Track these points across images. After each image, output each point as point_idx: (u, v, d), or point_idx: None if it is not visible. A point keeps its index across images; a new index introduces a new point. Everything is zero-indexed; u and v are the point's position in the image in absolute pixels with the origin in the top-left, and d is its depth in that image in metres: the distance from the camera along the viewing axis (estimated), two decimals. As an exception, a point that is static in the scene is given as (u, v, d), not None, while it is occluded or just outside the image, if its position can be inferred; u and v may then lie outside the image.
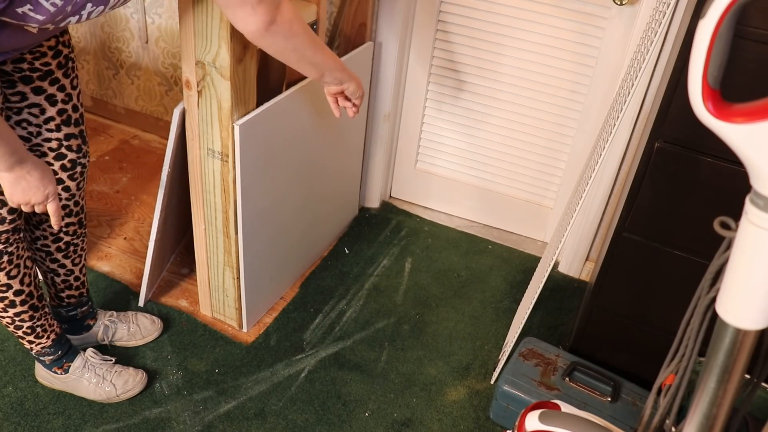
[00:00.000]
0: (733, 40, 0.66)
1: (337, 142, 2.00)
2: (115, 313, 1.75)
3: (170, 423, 1.57)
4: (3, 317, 1.45)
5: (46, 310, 1.51)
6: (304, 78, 1.73)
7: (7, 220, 1.31)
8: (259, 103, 1.56)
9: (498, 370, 1.74)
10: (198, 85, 1.47)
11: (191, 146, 1.58)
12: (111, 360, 1.64)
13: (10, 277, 1.38)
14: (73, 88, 1.37)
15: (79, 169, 1.45)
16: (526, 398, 1.54)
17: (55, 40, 1.29)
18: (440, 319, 1.94)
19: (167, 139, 1.62)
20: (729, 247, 0.75)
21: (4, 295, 1.40)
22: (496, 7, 1.93)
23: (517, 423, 1.23)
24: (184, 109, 1.55)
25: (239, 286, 1.74)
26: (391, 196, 2.47)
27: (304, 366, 1.75)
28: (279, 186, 1.74)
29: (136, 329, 1.75)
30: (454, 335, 1.89)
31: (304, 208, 1.93)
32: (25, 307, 1.44)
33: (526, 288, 2.03)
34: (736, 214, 0.72)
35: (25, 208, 1.23)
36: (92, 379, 1.59)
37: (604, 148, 1.45)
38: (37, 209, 1.24)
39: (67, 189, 1.45)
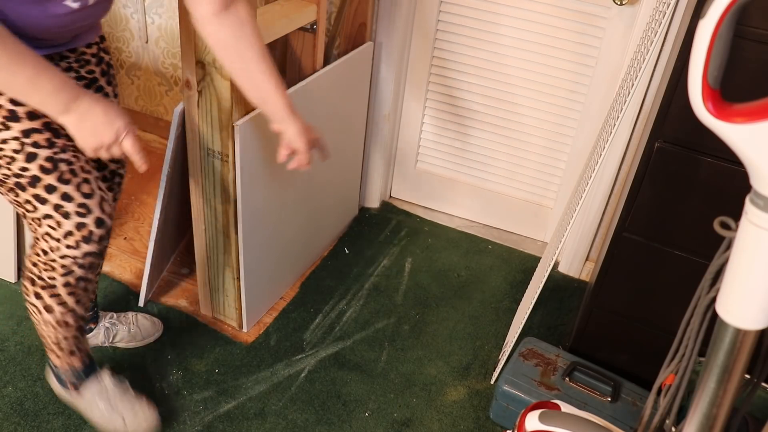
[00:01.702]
0: (733, 40, 0.66)
1: (337, 142, 2.00)
2: (115, 314, 1.75)
3: (170, 423, 1.57)
4: (49, 335, 1.35)
5: (85, 330, 1.45)
6: (303, 78, 1.73)
7: (95, 238, 1.20)
8: (259, 103, 1.56)
9: (498, 370, 1.74)
10: (198, 85, 1.47)
11: (191, 146, 1.58)
12: (126, 385, 1.54)
13: (77, 303, 1.29)
14: (115, 95, 1.35)
15: (117, 179, 1.43)
16: (526, 398, 1.54)
17: (96, 47, 1.27)
18: (440, 319, 1.94)
19: (167, 139, 1.62)
20: (729, 247, 0.75)
21: (64, 318, 1.31)
22: (496, 7, 1.93)
23: (517, 423, 1.23)
24: (184, 109, 1.55)
25: (239, 286, 1.74)
26: (391, 196, 2.47)
27: (304, 366, 1.75)
28: (279, 186, 1.74)
29: (137, 331, 1.75)
30: (454, 335, 1.89)
31: (304, 208, 1.93)
32: (76, 332, 1.37)
33: (526, 288, 2.03)
34: (736, 214, 0.72)
35: (103, 154, 1.10)
36: (103, 408, 1.49)
37: (604, 148, 1.45)
38: (115, 152, 1.11)
39: None
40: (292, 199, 1.84)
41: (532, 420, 1.18)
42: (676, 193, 1.40)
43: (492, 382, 1.75)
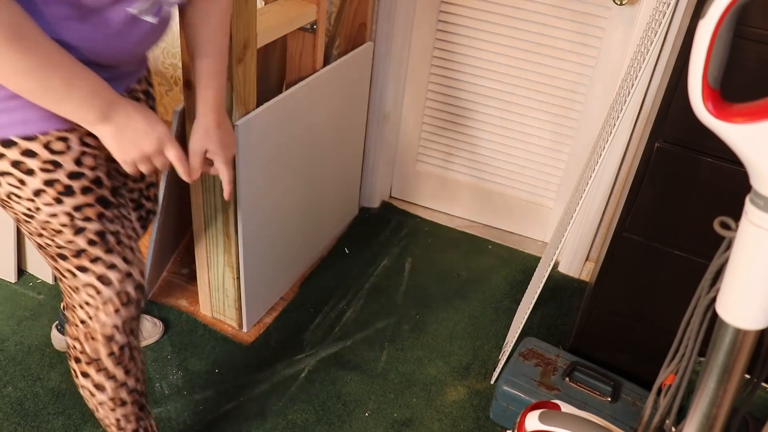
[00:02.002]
0: (733, 40, 0.66)
1: (337, 142, 2.00)
2: None
3: (170, 423, 1.57)
4: (107, 417, 1.26)
5: (148, 407, 1.35)
6: (304, 78, 1.73)
7: (134, 302, 1.15)
8: (259, 103, 1.56)
9: (498, 370, 1.74)
10: (198, 85, 1.47)
11: (191, 146, 1.58)
12: None
13: (127, 374, 1.21)
14: None
15: (151, 217, 1.41)
16: (526, 398, 1.54)
17: (145, 82, 1.22)
18: (440, 319, 1.94)
19: (167, 139, 1.62)
20: (729, 247, 0.75)
21: (119, 394, 1.22)
22: (496, 7, 1.93)
23: (517, 423, 1.23)
24: (184, 109, 1.55)
25: (239, 286, 1.74)
26: (391, 196, 2.47)
27: (304, 366, 1.75)
28: (279, 186, 1.74)
29: None
30: (454, 335, 1.89)
31: (304, 208, 1.93)
32: (135, 408, 1.28)
33: (526, 288, 2.03)
34: (736, 214, 0.72)
35: (142, 167, 1.02)
36: None
37: (604, 148, 1.45)
38: (156, 163, 1.03)
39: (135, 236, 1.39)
40: (292, 198, 1.84)
41: (532, 420, 1.18)
42: (676, 193, 1.40)
43: (492, 382, 1.75)
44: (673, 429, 0.96)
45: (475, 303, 2.02)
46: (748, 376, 0.83)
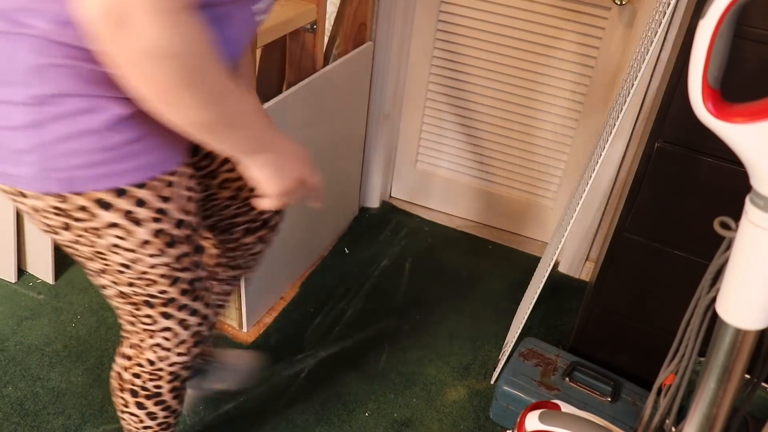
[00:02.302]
0: (733, 40, 0.66)
1: (337, 141, 2.00)
2: None
3: (170, 423, 1.57)
4: None
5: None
6: (304, 78, 1.73)
7: (205, 340, 1.12)
8: (259, 103, 1.56)
9: (498, 370, 1.74)
10: (198, 85, 1.47)
11: (191, 146, 1.58)
12: None
13: (180, 403, 1.21)
14: None
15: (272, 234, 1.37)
16: (526, 398, 1.54)
17: None
18: (440, 319, 1.94)
19: (167, 139, 1.62)
20: (729, 247, 0.75)
21: (167, 420, 1.22)
22: (496, 7, 1.93)
23: (517, 423, 1.23)
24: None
25: (239, 286, 1.74)
26: (391, 196, 2.47)
27: (304, 366, 1.75)
28: (279, 186, 1.74)
29: None
30: (454, 335, 1.89)
31: (304, 207, 1.93)
32: (175, 428, 1.29)
33: (526, 288, 2.03)
34: (736, 214, 0.72)
35: (289, 198, 0.95)
36: None
37: (604, 148, 1.45)
38: (304, 189, 0.97)
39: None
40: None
41: (532, 420, 1.18)
42: (676, 193, 1.40)
43: (492, 382, 1.75)
44: (673, 429, 0.96)
45: (475, 303, 2.02)
46: (748, 376, 0.84)
